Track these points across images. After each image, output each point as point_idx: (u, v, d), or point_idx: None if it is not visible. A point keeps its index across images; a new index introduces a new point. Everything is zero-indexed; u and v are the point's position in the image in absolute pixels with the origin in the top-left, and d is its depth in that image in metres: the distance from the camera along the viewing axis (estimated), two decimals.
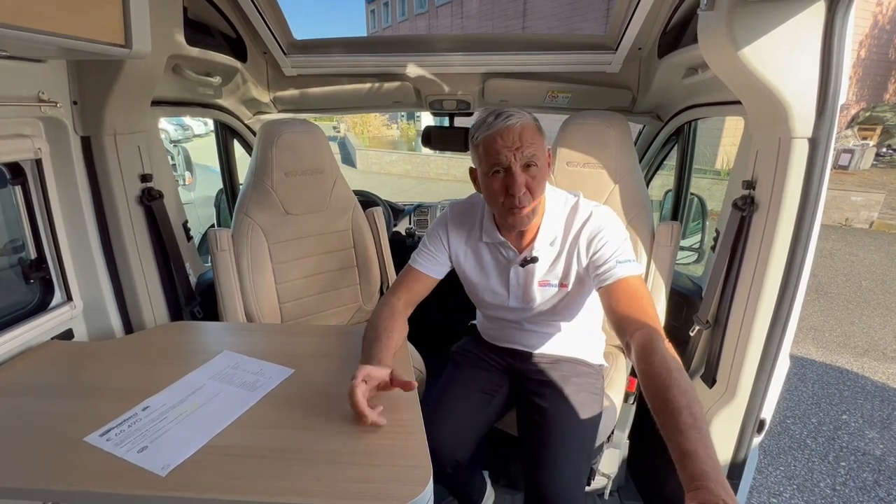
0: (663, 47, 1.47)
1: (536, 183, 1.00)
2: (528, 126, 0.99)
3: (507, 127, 0.97)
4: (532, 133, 0.99)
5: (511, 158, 0.97)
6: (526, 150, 0.97)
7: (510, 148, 0.97)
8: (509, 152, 0.97)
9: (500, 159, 0.98)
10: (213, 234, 1.47)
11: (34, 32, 0.69)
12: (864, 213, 6.65)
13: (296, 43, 1.71)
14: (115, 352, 1.11)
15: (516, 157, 0.97)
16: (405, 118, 17.63)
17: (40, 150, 1.07)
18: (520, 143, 0.97)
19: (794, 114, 0.93)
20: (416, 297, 1.17)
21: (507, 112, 0.99)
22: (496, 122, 0.98)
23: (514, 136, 0.97)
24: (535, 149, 0.98)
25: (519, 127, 0.97)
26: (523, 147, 0.97)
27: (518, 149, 0.97)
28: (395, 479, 0.69)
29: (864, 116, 10.80)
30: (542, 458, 1.05)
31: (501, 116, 0.98)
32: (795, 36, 0.88)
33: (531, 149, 0.97)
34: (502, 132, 0.97)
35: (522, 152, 0.97)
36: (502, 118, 0.98)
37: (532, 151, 0.97)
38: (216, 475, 0.70)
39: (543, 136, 1.02)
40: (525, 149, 0.97)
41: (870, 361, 3.12)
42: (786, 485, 2.05)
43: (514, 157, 0.97)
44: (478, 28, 14.99)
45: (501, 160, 0.98)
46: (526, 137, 0.97)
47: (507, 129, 0.97)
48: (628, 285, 0.97)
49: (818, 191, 0.97)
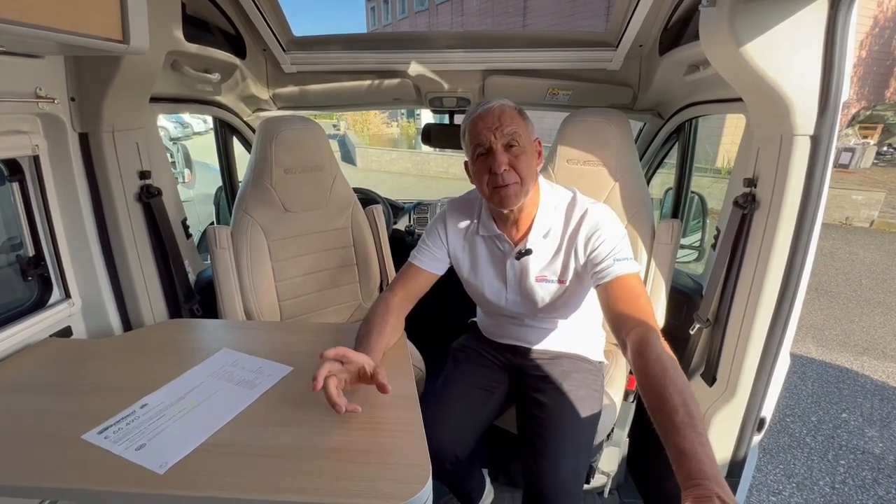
0: (664, 44, 1.46)
1: (520, 163, 1.01)
2: (508, 109, 1.03)
3: (487, 110, 1.03)
4: (512, 115, 1.02)
5: (491, 138, 1.01)
6: (506, 128, 1.00)
7: (490, 128, 1.01)
8: (489, 132, 1.01)
9: (481, 140, 1.02)
10: (213, 231, 1.47)
11: (31, 27, 0.68)
12: (864, 211, 6.65)
13: (295, 40, 1.70)
14: (114, 349, 1.11)
15: (496, 136, 1.01)
16: (405, 116, 17.60)
17: (38, 146, 1.06)
18: (499, 123, 1.01)
19: (796, 111, 0.93)
20: (413, 293, 1.17)
21: (489, 100, 1.05)
22: (478, 109, 1.05)
23: (493, 117, 1.01)
24: (516, 128, 1.01)
25: (497, 109, 1.02)
26: (503, 126, 1.00)
27: (497, 128, 1.00)
28: (395, 478, 0.69)
29: (865, 115, 10.79)
30: (542, 451, 1.05)
31: (482, 103, 1.05)
32: (798, 32, 0.87)
33: (511, 127, 1.01)
34: (482, 115, 1.03)
35: (502, 131, 1.00)
36: (483, 104, 1.04)
37: (512, 130, 1.01)
38: (214, 473, 0.70)
39: (527, 122, 1.05)
40: (504, 128, 1.00)
41: (869, 360, 3.12)
42: (785, 483, 2.05)
43: (493, 136, 1.01)
44: (478, 26, 14.95)
45: (482, 140, 1.02)
46: (505, 118, 1.01)
47: (487, 112, 1.02)
48: (625, 283, 0.97)
49: (820, 189, 0.96)
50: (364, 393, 0.92)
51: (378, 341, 0.99)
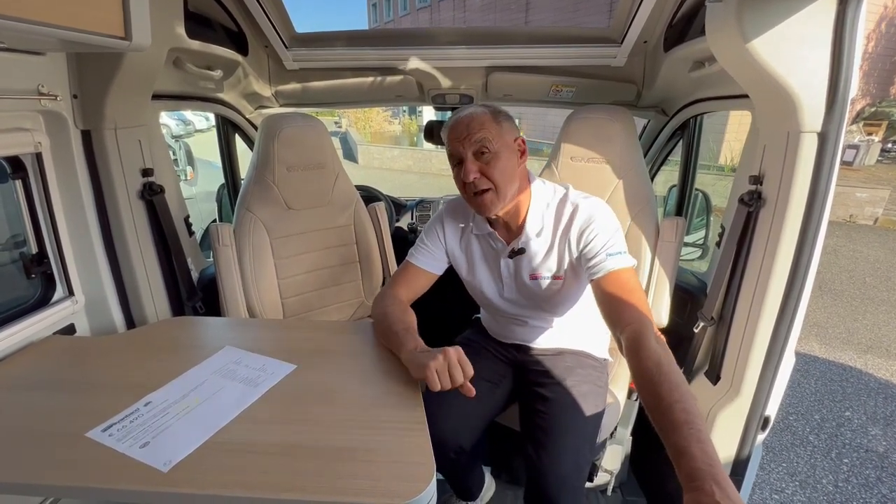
0: (669, 40, 1.45)
1: (492, 168, 1.02)
2: (478, 116, 1.03)
3: (456, 120, 1.05)
4: (481, 122, 1.02)
5: (460, 148, 1.03)
6: (474, 136, 1.01)
7: (458, 139, 1.03)
8: (458, 143, 1.03)
9: (452, 151, 1.06)
10: (215, 229, 1.47)
11: (32, 24, 0.68)
12: (868, 209, 6.61)
13: (297, 36, 1.70)
14: (117, 347, 1.11)
15: (465, 145, 1.02)
16: (407, 113, 17.58)
17: (40, 143, 1.06)
18: (466, 133, 1.02)
19: (804, 107, 0.92)
20: (413, 292, 1.18)
21: (462, 108, 1.07)
22: (451, 119, 1.07)
23: (462, 126, 1.03)
24: (485, 134, 1.01)
25: (466, 118, 1.03)
26: (471, 135, 1.01)
27: (465, 138, 1.02)
28: (398, 476, 0.68)
29: (870, 112, 10.71)
30: (544, 445, 1.05)
31: (456, 113, 1.07)
32: (806, 28, 0.86)
33: (479, 134, 1.01)
34: (453, 126, 1.05)
35: (470, 139, 1.02)
36: (455, 114, 1.07)
37: (481, 136, 1.01)
38: (218, 471, 0.70)
39: (501, 125, 1.04)
40: (472, 135, 1.01)
41: (873, 358, 3.11)
42: (788, 481, 2.05)
43: (462, 147, 1.03)
44: (480, 22, 14.89)
45: (454, 152, 1.05)
46: (473, 126, 1.02)
47: (457, 123, 1.04)
48: (619, 278, 0.97)
49: (827, 186, 0.95)
50: (367, 392, 0.92)
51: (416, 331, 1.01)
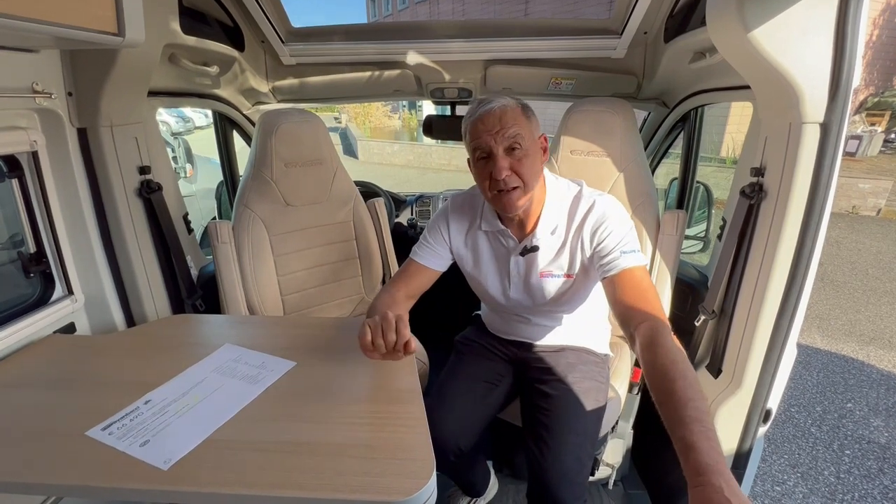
0: (670, 31, 1.43)
1: (523, 166, 0.98)
2: (510, 109, 0.98)
3: (487, 111, 0.98)
4: (514, 115, 0.98)
5: (491, 142, 0.97)
6: (507, 131, 0.96)
7: (490, 132, 0.97)
8: (489, 136, 0.97)
9: (480, 144, 0.99)
10: (214, 226, 1.46)
11: (23, 20, 0.67)
12: (871, 200, 6.58)
13: (294, 31, 1.68)
14: (117, 345, 1.11)
15: (496, 139, 0.97)
16: (407, 108, 17.51)
17: (36, 142, 1.05)
18: (500, 126, 0.96)
19: (806, 98, 0.90)
20: (415, 290, 1.16)
21: (490, 98, 1.00)
22: (478, 109, 1.00)
23: (494, 119, 0.97)
24: (518, 130, 0.97)
25: (498, 110, 0.97)
26: (504, 129, 0.96)
27: (498, 132, 0.96)
28: (398, 473, 0.68)
29: (873, 102, 10.64)
30: (546, 441, 1.05)
31: (483, 103, 1.00)
32: (808, 17, 0.85)
33: (513, 129, 0.97)
34: (482, 117, 0.98)
35: (503, 134, 0.96)
36: (483, 104, 0.99)
37: (514, 132, 0.97)
38: (218, 469, 0.70)
39: (531, 120, 1.01)
40: (506, 130, 0.96)
41: (876, 350, 3.11)
42: (790, 473, 2.05)
43: (494, 141, 0.97)
44: (479, 15, 14.77)
45: (482, 145, 0.98)
46: (506, 120, 0.97)
47: (487, 114, 0.98)
48: (633, 276, 0.96)
49: (829, 178, 0.94)
50: (366, 388, 0.91)
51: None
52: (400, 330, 0.85)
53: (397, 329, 0.85)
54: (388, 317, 0.86)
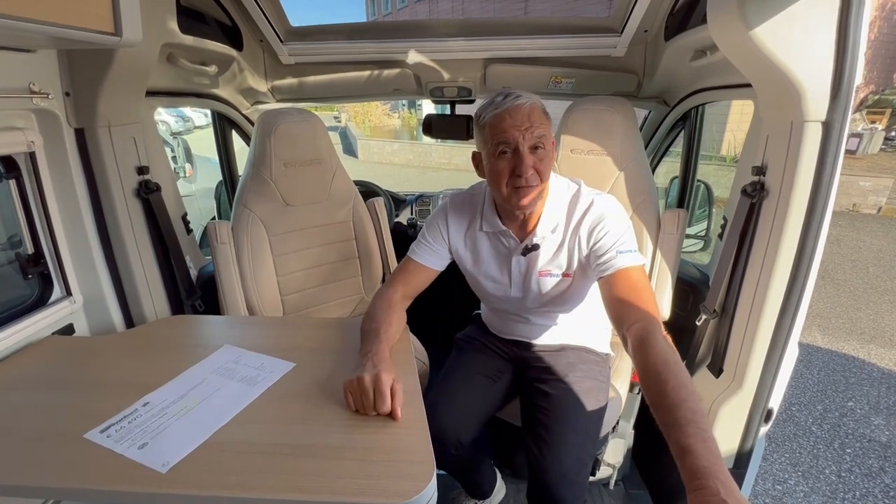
0: (670, 29, 1.43)
1: (544, 166, 0.98)
2: (537, 108, 0.98)
3: (517, 106, 0.96)
4: (540, 115, 0.98)
5: (519, 138, 0.95)
6: (535, 130, 0.96)
7: (519, 127, 0.95)
8: (517, 132, 0.95)
9: (507, 138, 0.96)
10: (213, 226, 1.46)
11: (19, 20, 0.67)
12: (872, 198, 6.57)
13: (293, 30, 1.67)
14: (116, 346, 1.10)
15: (525, 136, 0.95)
16: (406, 107, 17.49)
17: (33, 142, 1.05)
18: (529, 124, 0.95)
19: (808, 96, 0.90)
20: (414, 289, 1.16)
21: (517, 93, 0.98)
22: (505, 102, 0.97)
23: (524, 115, 0.95)
24: (544, 130, 0.97)
25: (528, 107, 0.96)
26: (533, 127, 0.95)
27: (528, 129, 0.95)
28: (398, 475, 0.68)
29: (873, 100, 10.61)
30: (546, 441, 1.05)
31: (511, 96, 0.97)
32: (810, 15, 0.84)
33: (540, 129, 0.96)
34: (511, 111, 0.96)
35: (532, 132, 0.96)
36: (511, 97, 0.97)
37: (541, 132, 0.97)
38: (217, 472, 0.69)
39: (549, 121, 1.01)
40: (534, 129, 0.96)
41: (876, 348, 3.10)
42: (791, 472, 2.05)
43: (522, 137, 0.95)
44: (479, 13, 14.74)
45: (509, 139, 0.96)
46: (535, 118, 0.96)
47: (517, 109, 0.96)
48: (628, 276, 0.95)
49: (831, 176, 0.94)
50: None
51: (386, 336, 0.97)
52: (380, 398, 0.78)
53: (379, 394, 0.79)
54: (364, 384, 0.80)
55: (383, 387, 0.79)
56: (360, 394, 0.80)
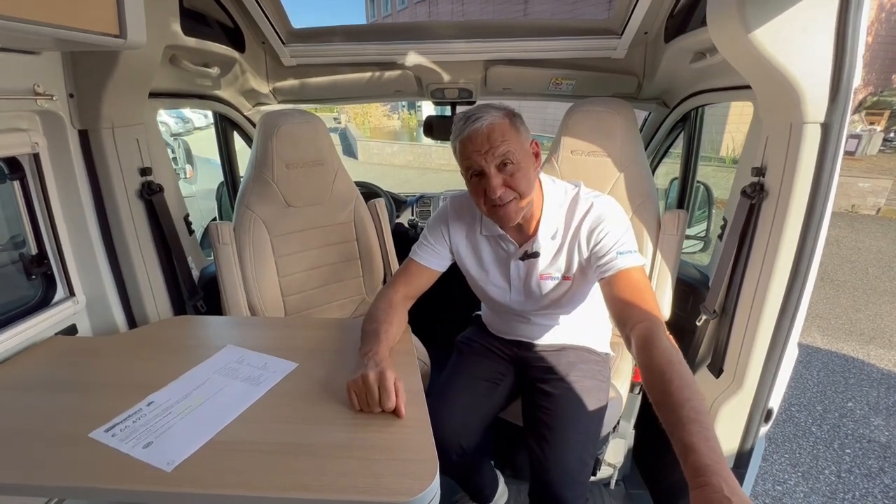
0: (670, 31, 1.43)
1: (516, 180, 0.97)
2: (497, 125, 0.96)
3: (474, 130, 0.96)
4: (503, 131, 0.96)
5: (482, 161, 0.96)
6: (497, 150, 0.95)
7: (479, 152, 0.96)
8: (479, 156, 0.96)
9: (470, 164, 0.98)
10: (215, 227, 1.46)
11: (25, 23, 0.67)
12: (871, 199, 6.58)
13: (294, 32, 1.68)
14: (119, 347, 1.11)
15: (487, 159, 0.96)
16: (406, 108, 17.50)
17: (37, 144, 1.05)
18: (489, 146, 0.95)
19: (807, 98, 0.91)
20: (415, 290, 1.16)
21: (476, 114, 0.97)
22: (465, 127, 0.97)
23: (482, 139, 0.95)
24: (509, 146, 0.96)
25: (486, 129, 0.95)
26: (493, 148, 0.95)
27: (488, 151, 0.95)
28: (402, 474, 0.68)
29: (872, 101, 10.64)
30: (548, 440, 1.05)
31: (470, 119, 0.97)
32: (809, 17, 0.85)
33: (503, 147, 0.95)
34: (470, 136, 0.96)
35: (493, 153, 0.95)
36: (470, 121, 0.97)
37: (505, 149, 0.95)
38: (221, 470, 0.70)
39: (520, 131, 1.00)
40: (496, 149, 0.95)
41: (876, 349, 3.11)
42: (790, 472, 2.05)
43: (484, 161, 0.96)
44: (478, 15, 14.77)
45: (472, 164, 0.98)
46: (495, 137, 0.95)
47: (475, 133, 0.96)
48: (629, 277, 0.96)
49: (830, 178, 0.94)
50: None
51: (386, 337, 0.98)
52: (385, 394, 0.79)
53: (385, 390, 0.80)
54: (369, 381, 0.81)
55: (388, 383, 0.80)
56: (364, 391, 0.81)
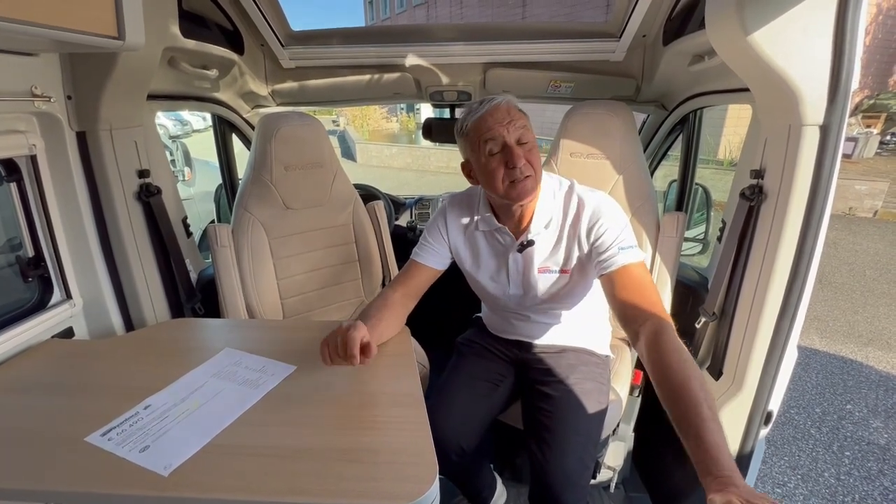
0: (668, 34, 1.44)
1: (533, 156, 1.01)
2: (513, 105, 1.03)
3: (495, 106, 1.01)
4: (517, 111, 1.03)
5: (504, 132, 0.99)
6: (517, 122, 1.00)
7: (501, 123, 1.00)
8: (501, 127, 0.99)
9: (493, 135, 1.00)
10: (213, 229, 1.46)
11: (24, 24, 0.67)
12: (868, 201, 6.61)
13: (293, 34, 1.68)
14: (116, 350, 1.10)
15: (509, 130, 0.99)
16: (405, 110, 17.52)
17: (35, 146, 1.05)
18: (510, 118, 1.00)
19: (805, 100, 0.91)
20: (414, 289, 1.16)
21: (486, 98, 1.04)
22: (483, 106, 1.03)
23: (503, 112, 1.00)
24: (524, 122, 1.02)
25: (505, 105, 1.02)
26: (513, 121, 1.00)
27: (510, 122, 1.00)
28: (401, 478, 0.68)
29: (868, 104, 10.69)
30: (548, 442, 1.05)
31: (485, 102, 1.03)
32: (807, 19, 0.85)
33: (521, 122, 1.01)
34: (491, 111, 1.01)
35: (514, 125, 1.00)
36: (486, 102, 1.03)
37: (522, 124, 1.01)
38: (219, 475, 0.69)
39: (528, 118, 1.05)
40: (515, 122, 1.00)
41: (874, 351, 3.11)
42: (790, 475, 2.05)
43: (507, 131, 0.99)
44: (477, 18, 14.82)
45: (495, 135, 1.00)
46: (514, 113, 1.01)
47: (496, 108, 1.01)
48: (631, 273, 0.96)
49: (829, 179, 0.95)
50: (368, 392, 0.91)
51: (371, 324, 1.00)
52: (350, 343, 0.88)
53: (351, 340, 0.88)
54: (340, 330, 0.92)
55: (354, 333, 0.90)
56: (334, 341, 0.90)
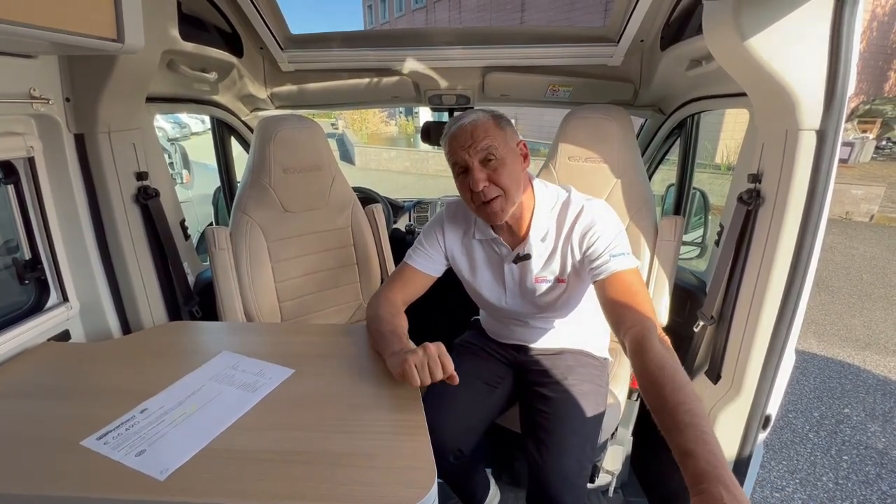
0: (666, 39, 1.45)
1: (499, 175, 1.00)
2: (481, 122, 1.01)
3: (459, 128, 1.02)
4: (486, 128, 1.01)
5: (465, 156, 1.00)
6: (479, 144, 0.99)
7: (463, 147, 1.00)
8: (462, 151, 1.00)
9: (457, 159, 1.02)
10: (211, 232, 1.45)
11: (23, 26, 0.67)
12: (864, 206, 6.64)
13: (292, 37, 1.69)
14: (113, 353, 1.10)
15: (470, 153, 1.00)
16: (403, 114, 17.55)
17: (33, 148, 1.05)
18: (471, 140, 0.99)
19: (802, 105, 0.91)
20: (411, 295, 1.17)
21: (465, 115, 1.04)
22: (451, 127, 1.04)
23: (466, 135, 1.00)
24: (491, 141, 1.00)
25: (469, 125, 1.01)
26: (475, 142, 0.99)
27: (470, 146, 1.00)
28: (399, 482, 0.68)
29: (864, 109, 10.75)
30: (546, 444, 1.05)
31: (458, 120, 1.04)
32: (803, 25, 0.86)
33: (485, 142, 0.99)
34: (455, 134, 1.02)
35: (476, 147, 0.99)
36: (457, 121, 1.04)
37: (487, 144, 0.99)
38: (216, 479, 0.69)
39: (504, 130, 1.03)
40: (478, 143, 0.99)
41: (871, 355, 3.12)
42: (788, 479, 2.05)
43: (467, 154, 1.00)
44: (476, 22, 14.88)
45: (458, 159, 1.02)
46: (478, 133, 1.00)
47: (459, 130, 1.02)
48: (622, 279, 0.96)
49: (826, 184, 0.95)
50: (366, 396, 0.91)
51: (405, 333, 1.01)
52: (444, 362, 0.86)
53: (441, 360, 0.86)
54: (429, 350, 0.87)
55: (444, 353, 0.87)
56: (425, 362, 0.84)
